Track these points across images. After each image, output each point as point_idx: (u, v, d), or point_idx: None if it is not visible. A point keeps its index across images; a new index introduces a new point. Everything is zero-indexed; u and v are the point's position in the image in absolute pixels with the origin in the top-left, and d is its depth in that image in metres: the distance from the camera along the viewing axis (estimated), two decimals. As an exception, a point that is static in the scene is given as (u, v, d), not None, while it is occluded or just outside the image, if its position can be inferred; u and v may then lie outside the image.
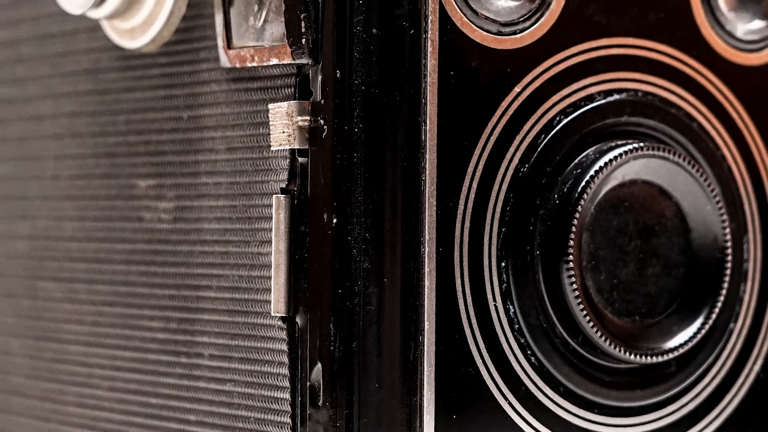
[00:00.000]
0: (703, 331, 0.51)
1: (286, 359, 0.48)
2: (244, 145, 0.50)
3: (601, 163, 0.49)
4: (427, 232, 0.48)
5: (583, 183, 0.49)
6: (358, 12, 0.47)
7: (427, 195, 0.48)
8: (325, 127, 0.47)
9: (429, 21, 0.47)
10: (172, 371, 0.53)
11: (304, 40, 0.47)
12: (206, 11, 0.51)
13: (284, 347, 0.48)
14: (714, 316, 0.51)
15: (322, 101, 0.47)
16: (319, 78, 0.48)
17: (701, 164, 0.51)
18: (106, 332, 0.55)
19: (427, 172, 0.48)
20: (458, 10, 0.48)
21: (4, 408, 0.59)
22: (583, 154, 0.49)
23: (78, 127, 0.56)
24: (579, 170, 0.49)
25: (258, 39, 0.49)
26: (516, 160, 0.49)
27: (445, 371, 0.48)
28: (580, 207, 0.49)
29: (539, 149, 0.49)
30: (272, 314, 0.48)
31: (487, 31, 0.48)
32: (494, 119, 0.48)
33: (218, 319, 0.51)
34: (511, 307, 0.49)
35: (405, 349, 0.47)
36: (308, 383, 0.48)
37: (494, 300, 0.49)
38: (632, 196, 0.50)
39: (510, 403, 0.49)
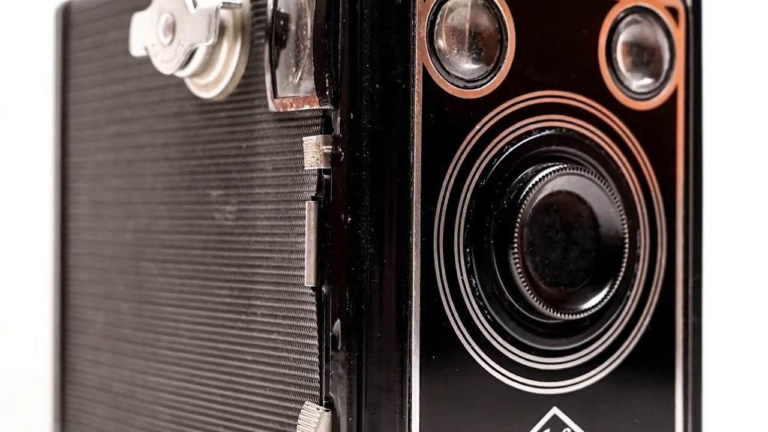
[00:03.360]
0: (608, 297, 0.51)
1: (315, 317, 0.48)
2: (286, 166, 0.50)
3: (536, 178, 0.49)
4: (414, 228, 0.47)
5: (524, 193, 0.49)
6: (365, 72, 0.47)
7: (414, 201, 0.48)
8: (343, 153, 0.47)
9: (415, 79, 0.47)
10: (234, 325, 0.53)
11: (327, 92, 0.47)
12: (259, 72, 0.51)
13: (314, 308, 0.48)
14: (616, 286, 0.51)
15: (341, 135, 0.47)
16: (339, 119, 0.47)
17: (607, 179, 0.51)
18: (189, 298, 0.55)
19: (414, 185, 0.47)
20: (436, 71, 0.48)
21: (117, 351, 0.60)
22: (524, 172, 0.49)
23: (168, 154, 0.56)
24: (521, 184, 0.49)
25: (295, 91, 0.49)
26: (477, 177, 0.49)
27: (427, 325, 0.48)
28: (521, 210, 0.48)
29: (493, 169, 0.49)
30: (305, 285, 0.48)
31: (456, 85, 0.48)
32: (461, 148, 0.48)
33: (267, 289, 0.51)
34: (473, 280, 0.49)
35: (399, 310, 0.47)
36: (331, 334, 0.48)
37: (461, 275, 0.48)
38: (558, 202, 0.50)
39: (473, 348, 0.49)
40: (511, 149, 0.49)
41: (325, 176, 0.48)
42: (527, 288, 0.49)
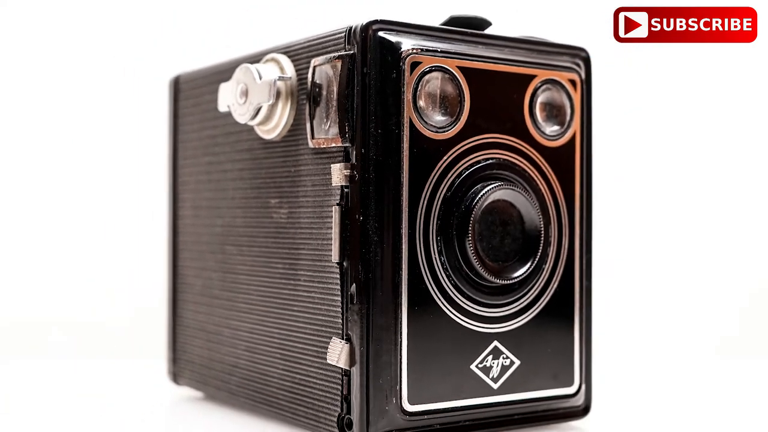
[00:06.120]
0: (531, 269, 0.51)
1: (339, 282, 0.48)
2: (320, 183, 0.50)
3: (483, 191, 0.49)
4: (404, 224, 0.48)
5: (475, 201, 0.49)
6: (372, 122, 0.47)
7: (404, 206, 0.48)
8: (357, 175, 0.47)
9: (404, 126, 0.48)
10: (286, 287, 0.53)
11: (347, 135, 0.48)
12: (302, 122, 0.51)
13: (338, 277, 0.48)
14: (535, 262, 0.51)
15: (355, 163, 0.47)
16: (354, 152, 0.47)
17: (530, 192, 0.51)
18: (257, 269, 0.55)
19: (403, 196, 0.48)
20: (418, 121, 0.48)
21: (209, 304, 0.60)
22: (475, 187, 0.49)
23: (243, 175, 0.56)
24: (473, 195, 0.49)
25: (326, 134, 0.49)
26: (444, 190, 0.49)
27: (412, 287, 0.48)
28: (473, 212, 0.49)
29: (455, 185, 0.49)
30: (333, 261, 0.48)
31: (431, 131, 0.48)
32: (434, 172, 0.48)
33: (308, 264, 0.51)
34: (442, 258, 0.49)
35: (393, 277, 0.47)
36: (349, 293, 0.48)
37: (434, 254, 0.49)
38: (498, 207, 0.50)
39: (441, 302, 0.49)
40: (467, 172, 0.49)
41: (345, 190, 0.48)
42: (477, 263, 0.49)
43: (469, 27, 0.51)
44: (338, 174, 0.48)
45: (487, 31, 0.51)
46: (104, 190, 0.83)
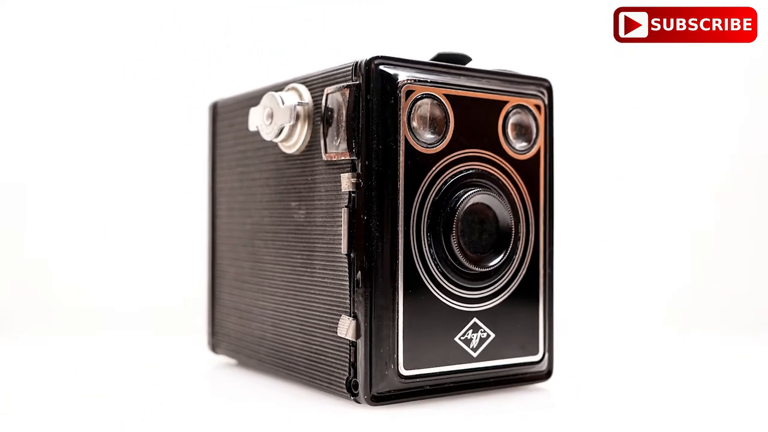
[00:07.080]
0: (503, 259, 0.51)
1: (347, 269, 0.49)
2: (332, 189, 0.50)
3: (464, 196, 0.49)
4: (400, 222, 0.48)
5: (458, 203, 0.49)
6: (374, 139, 0.48)
7: (400, 208, 0.48)
8: (362, 182, 0.48)
9: (401, 143, 0.48)
10: (303, 273, 0.53)
11: (354, 150, 0.48)
12: (317, 139, 0.52)
13: (347, 265, 0.49)
14: (507, 253, 0.51)
15: (360, 173, 0.48)
16: (359, 164, 0.48)
17: (503, 196, 0.51)
18: (279, 259, 0.56)
19: (400, 200, 0.48)
20: (412, 138, 0.49)
21: (241, 288, 0.60)
22: (458, 192, 0.50)
23: (269, 182, 0.57)
24: (457, 198, 0.49)
25: (337, 149, 0.50)
26: (433, 195, 0.49)
27: (407, 274, 0.48)
28: (457, 212, 0.49)
29: (442, 191, 0.49)
30: (342, 253, 0.49)
31: (422, 146, 0.49)
32: (425, 180, 0.49)
33: (322, 255, 0.51)
34: (431, 250, 0.49)
35: (392, 266, 0.48)
36: (355, 279, 0.48)
37: (425, 247, 0.49)
38: (477, 208, 0.50)
39: (431, 286, 0.49)
40: (452, 180, 0.50)
41: (352, 195, 0.48)
42: (460, 254, 0.49)
43: (453, 62, 0.51)
44: (346, 182, 0.48)
45: (469, 65, 0.52)
46: (156, 196, 0.84)
